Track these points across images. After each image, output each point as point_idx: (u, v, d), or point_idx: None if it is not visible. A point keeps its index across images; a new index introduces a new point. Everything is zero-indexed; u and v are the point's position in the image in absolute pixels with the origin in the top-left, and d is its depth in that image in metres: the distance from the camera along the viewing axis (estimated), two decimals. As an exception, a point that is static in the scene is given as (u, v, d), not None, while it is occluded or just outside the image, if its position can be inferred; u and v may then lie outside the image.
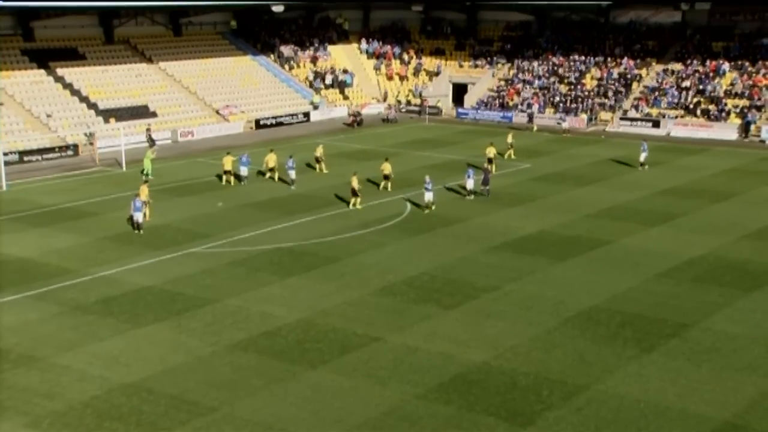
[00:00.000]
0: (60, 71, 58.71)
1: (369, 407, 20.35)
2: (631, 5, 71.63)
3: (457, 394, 20.98)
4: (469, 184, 40.37)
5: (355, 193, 38.17)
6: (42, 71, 58.12)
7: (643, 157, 47.41)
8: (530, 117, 64.55)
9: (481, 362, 22.72)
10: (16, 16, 58.70)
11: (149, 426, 19.51)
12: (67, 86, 57.93)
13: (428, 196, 37.67)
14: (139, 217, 34.72)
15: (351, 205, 38.28)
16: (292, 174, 42.74)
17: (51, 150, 50.78)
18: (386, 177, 41.79)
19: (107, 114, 56.39)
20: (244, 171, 43.31)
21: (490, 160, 45.26)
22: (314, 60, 74.36)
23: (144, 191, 36.50)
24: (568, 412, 20.09)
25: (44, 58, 58.84)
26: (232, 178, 43.60)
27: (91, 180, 45.20)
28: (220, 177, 44.34)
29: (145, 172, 44.54)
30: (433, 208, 37.68)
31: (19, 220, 37.05)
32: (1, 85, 54.64)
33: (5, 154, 45.18)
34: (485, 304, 27.02)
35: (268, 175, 44.42)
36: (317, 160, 46.64)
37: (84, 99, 57.41)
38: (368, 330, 24.88)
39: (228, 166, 43.53)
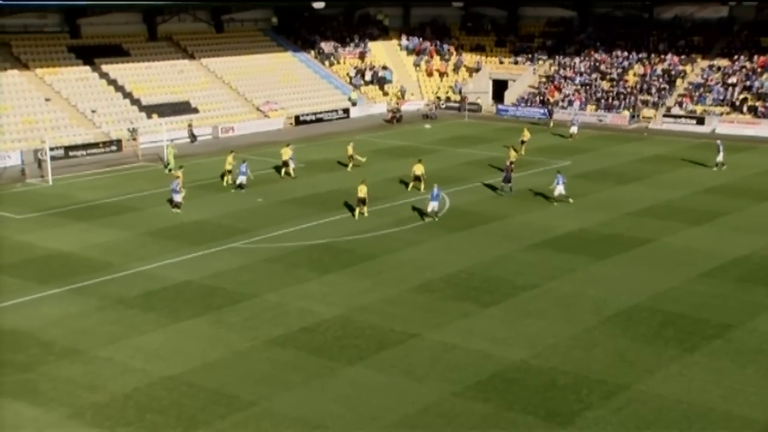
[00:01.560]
0: (105, 68, 59.62)
1: (406, 404, 20.33)
2: (677, 0, 70.58)
3: (495, 392, 20.87)
4: (559, 189, 38.46)
5: (362, 202, 36.19)
6: (87, 68, 59.05)
7: (721, 156, 46.17)
8: (549, 113, 63.33)
9: (520, 361, 22.58)
10: (63, 14, 59.83)
11: (189, 419, 19.72)
12: (112, 82, 58.81)
13: (432, 205, 35.67)
14: (242, 179, 40.30)
15: (357, 214, 36.31)
16: (242, 179, 40.90)
17: (95, 145, 51.50)
18: (417, 178, 41.03)
19: (150, 110, 57.08)
20: (242, 179, 41.07)
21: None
22: (362, 56, 74.50)
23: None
24: (607, 411, 19.89)
25: (90, 54, 59.80)
26: (291, 170, 43.98)
27: (134, 175, 45.75)
28: (278, 169, 44.62)
29: (168, 166, 44.98)
30: (437, 219, 35.85)
31: (63, 214, 37.65)
32: (48, 81, 55.61)
33: (51, 149, 45.94)
34: (524, 302, 26.85)
35: (284, 171, 44.31)
36: (350, 158, 46.53)
37: (127, 95, 58.23)
38: (406, 327, 24.86)
39: (285, 157, 44.01)
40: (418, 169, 41.27)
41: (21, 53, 57.10)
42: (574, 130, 55.47)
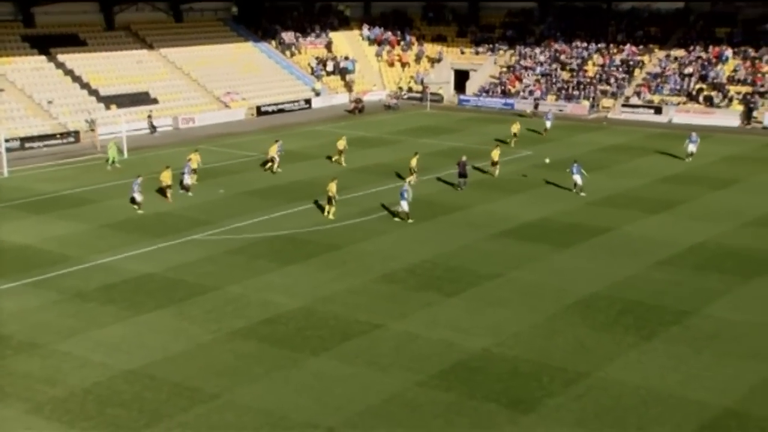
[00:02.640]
0: (61, 57, 58.63)
1: (370, 394, 20.39)
2: (634, -9, 71.57)
3: (459, 381, 21.02)
4: (577, 179, 38.64)
5: (330, 201, 34.81)
6: (43, 57, 58.06)
7: (693, 148, 46.36)
8: (536, 104, 63.84)
9: (483, 349, 22.75)
10: (16, 2, 58.76)
11: (151, 413, 19.57)
12: (68, 73, 57.86)
13: (404, 206, 34.24)
14: (187, 180, 38.75)
15: (325, 213, 35.11)
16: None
17: (52, 137, 50.76)
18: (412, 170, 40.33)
19: (108, 101, 56.31)
20: (187, 180, 39.08)
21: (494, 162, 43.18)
22: (328, 47, 74.17)
23: (195, 159, 40.32)
24: (568, 399, 20.13)
25: (45, 44, 58.75)
26: (275, 166, 43.21)
27: (92, 167, 45.14)
28: (265, 164, 44.04)
29: (110, 160, 44.08)
30: (410, 222, 34.32)
31: (20, 207, 37.08)
32: (1, 71, 54.57)
33: (7, 140, 45.19)
34: (487, 292, 27.04)
35: (268, 165, 43.79)
36: (340, 152, 44.97)
37: (85, 85, 57.35)
38: (369, 317, 24.91)
39: (273, 153, 43.33)
40: (413, 162, 40.53)
41: (-27, 43, 56.05)
42: (548, 125, 54.52)
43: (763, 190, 40.02)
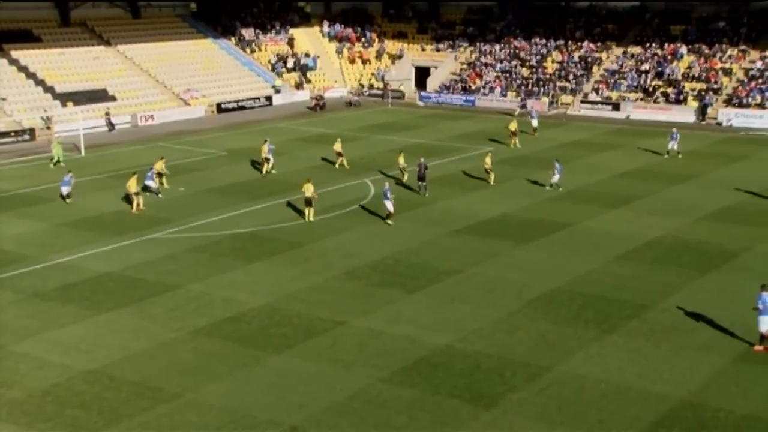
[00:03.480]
0: (15, 54, 57.70)
1: (334, 391, 20.39)
2: (592, -11, 72.43)
3: (422, 377, 21.09)
4: (555, 178, 38.59)
5: (309, 203, 34.09)
6: (-4, 54, 57.12)
7: (672, 145, 46.48)
8: (524, 104, 62.19)
9: (445, 345, 22.86)
10: (-32, -2, 57.63)
11: (111, 413, 19.37)
12: (23, 69, 56.95)
13: (388, 206, 33.73)
14: (151, 184, 37.61)
15: (306, 218, 34.20)
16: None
17: (6, 134, 50.07)
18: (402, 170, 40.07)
19: (65, 98, 55.55)
20: (151, 183, 38.03)
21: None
22: (290, 43, 73.85)
23: (159, 165, 39.17)
24: (531, 393, 20.29)
25: (-2, 40, 57.76)
26: (268, 167, 42.07)
27: (48, 165, 44.39)
28: (256, 165, 43.18)
29: (55, 159, 43.42)
30: (390, 223, 33.90)
31: (-25, 205, 36.47)
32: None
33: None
34: (449, 288, 27.15)
35: (265, 168, 42.38)
36: (338, 155, 43.52)
37: (40, 82, 56.49)
38: (332, 314, 24.90)
39: (264, 154, 42.02)
40: (401, 161, 40.14)
41: (-77, 38, 54.96)
42: (535, 123, 53.14)
43: (718, 185, 40.74)
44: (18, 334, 23.45)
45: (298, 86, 69.80)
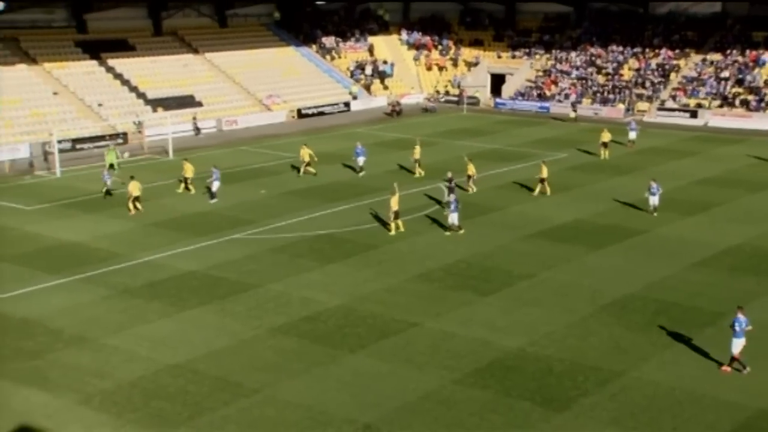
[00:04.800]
0: (111, 62, 60.27)
1: (407, 391, 20.69)
2: (671, -4, 71.20)
3: (494, 379, 21.27)
4: (653, 200, 35.70)
5: (397, 216, 33.57)
6: (94, 62, 59.77)
7: (632, 135, 49.17)
8: (573, 105, 63.66)
9: (517, 348, 23.02)
10: (70, 9, 60.55)
11: (194, 406, 20.10)
12: (118, 76, 59.46)
13: (453, 218, 33.21)
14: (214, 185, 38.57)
15: (394, 230, 33.52)
16: (216, 186, 38.80)
17: (102, 138, 52.06)
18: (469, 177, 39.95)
19: (155, 103, 57.76)
20: (216, 186, 38.95)
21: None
22: (371, 50, 74.90)
23: (188, 168, 39.89)
24: (603, 398, 20.29)
25: (96, 49, 60.48)
26: (311, 169, 43.23)
27: (140, 167, 46.00)
28: (297, 169, 44.09)
29: (110, 166, 44.17)
30: (461, 231, 33.34)
31: (72, 205, 38.14)
32: (56, 75, 56.10)
33: (59, 141, 46.41)
34: (521, 292, 27.31)
35: (302, 170, 43.64)
36: (416, 161, 43.28)
37: (133, 89, 58.86)
38: (406, 316, 25.28)
39: (307, 158, 43.29)
40: (470, 169, 39.98)
41: (29, 48, 57.80)
42: (632, 135, 50.99)
43: (801, 193, 39.74)
44: (109, 328, 24.55)
45: (368, 87, 70.56)
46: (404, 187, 40.20)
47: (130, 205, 36.62)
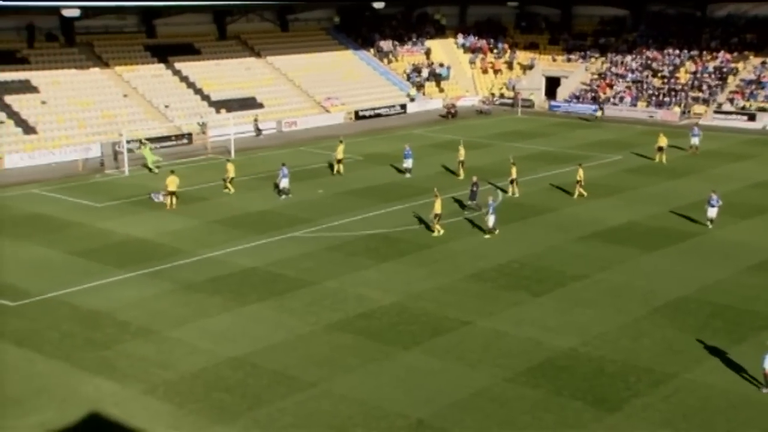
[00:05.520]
0: (177, 65, 61.94)
1: (459, 388, 20.98)
2: (731, -1, 70.11)
3: (545, 378, 21.43)
4: (711, 212, 34.21)
5: (438, 218, 33.70)
6: (162, 65, 61.53)
7: (695, 141, 48.13)
8: (599, 105, 63.33)
9: (569, 348, 23.16)
10: (140, 15, 62.45)
11: (253, 398, 20.65)
12: (184, 79, 61.08)
13: (491, 220, 33.40)
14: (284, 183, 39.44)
15: (435, 233, 33.66)
16: (285, 183, 39.78)
17: (168, 138, 53.47)
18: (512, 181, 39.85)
19: (218, 105, 59.18)
20: (284, 183, 39.89)
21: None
22: (428, 54, 75.53)
23: (231, 169, 40.74)
24: (655, 399, 20.32)
25: (164, 53, 62.23)
26: (341, 167, 44.43)
27: (203, 167, 47.09)
28: (331, 167, 45.45)
29: (150, 164, 45.32)
30: (497, 232, 33.56)
31: (139, 203, 39.20)
32: (126, 78, 58.00)
33: (128, 142, 47.80)
34: (574, 292, 27.43)
35: (336, 168, 44.69)
36: (460, 163, 43.67)
37: (198, 91, 60.39)
38: (459, 314, 25.61)
39: (340, 156, 44.46)
40: (513, 173, 39.82)
41: (102, 52, 59.84)
42: (695, 141, 49.77)
43: None
44: (173, 321, 25.34)
45: (420, 87, 70.97)
46: (450, 190, 40.19)
47: (167, 200, 38.00)
